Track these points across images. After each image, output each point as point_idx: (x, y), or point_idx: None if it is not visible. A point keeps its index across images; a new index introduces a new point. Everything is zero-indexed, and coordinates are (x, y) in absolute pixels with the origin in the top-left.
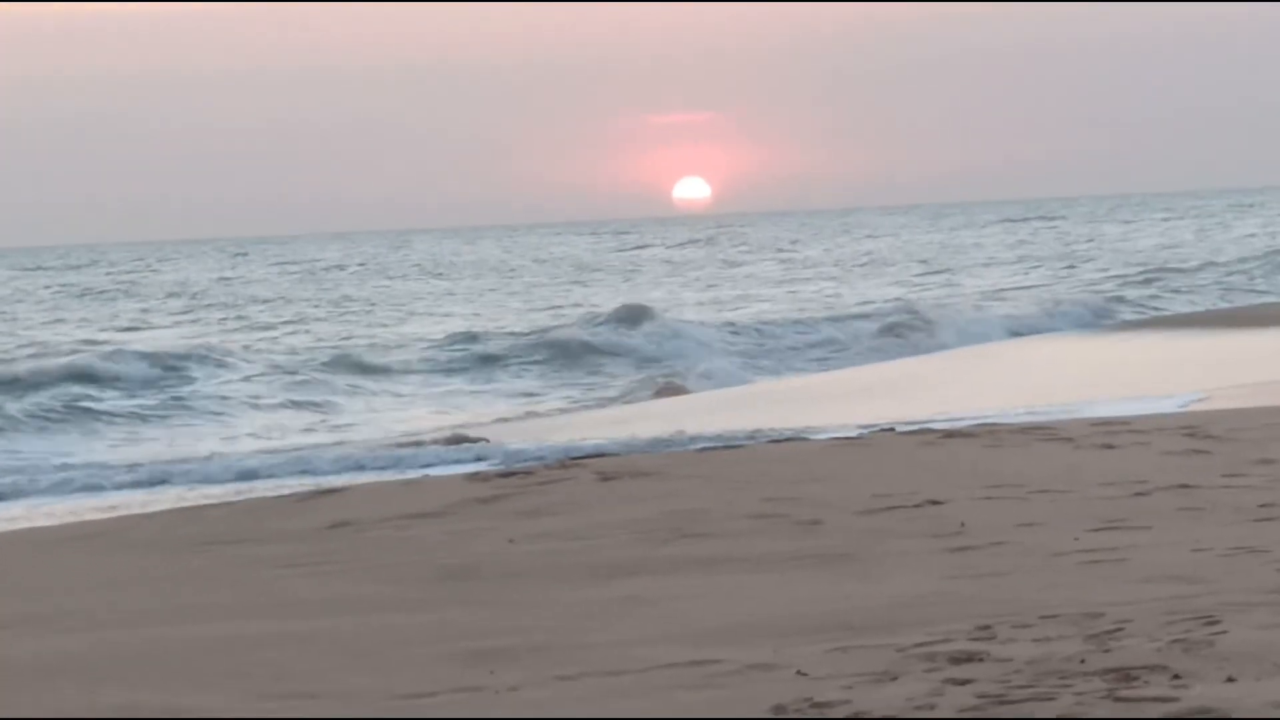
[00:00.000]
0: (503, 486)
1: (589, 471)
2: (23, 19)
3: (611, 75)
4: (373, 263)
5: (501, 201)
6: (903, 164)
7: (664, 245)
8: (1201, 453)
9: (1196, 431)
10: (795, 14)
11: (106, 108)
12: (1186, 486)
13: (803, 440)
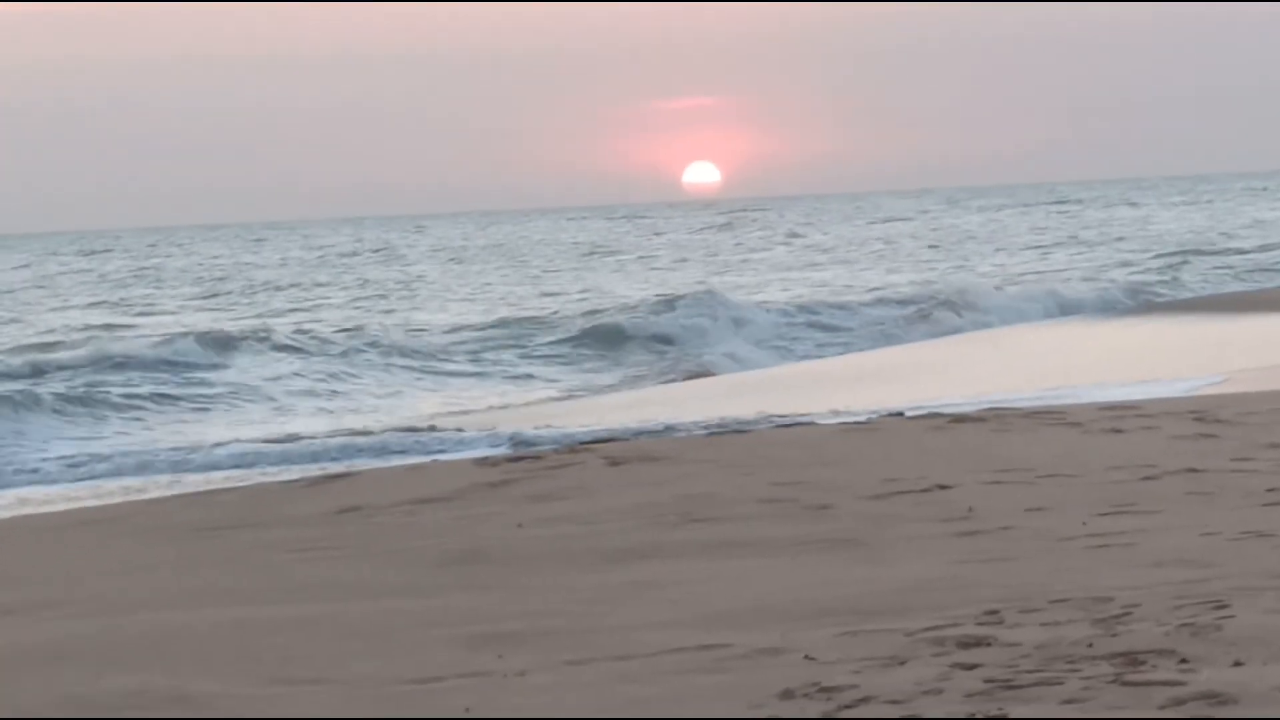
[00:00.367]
0: (511, 471)
1: (597, 456)
2: (40, 4)
3: (621, 61)
4: (398, 247)
5: (510, 187)
6: (914, 148)
7: (685, 231)
8: (1210, 437)
9: (1205, 416)
10: None
11: (122, 93)
12: (1195, 471)
13: (811, 425)
